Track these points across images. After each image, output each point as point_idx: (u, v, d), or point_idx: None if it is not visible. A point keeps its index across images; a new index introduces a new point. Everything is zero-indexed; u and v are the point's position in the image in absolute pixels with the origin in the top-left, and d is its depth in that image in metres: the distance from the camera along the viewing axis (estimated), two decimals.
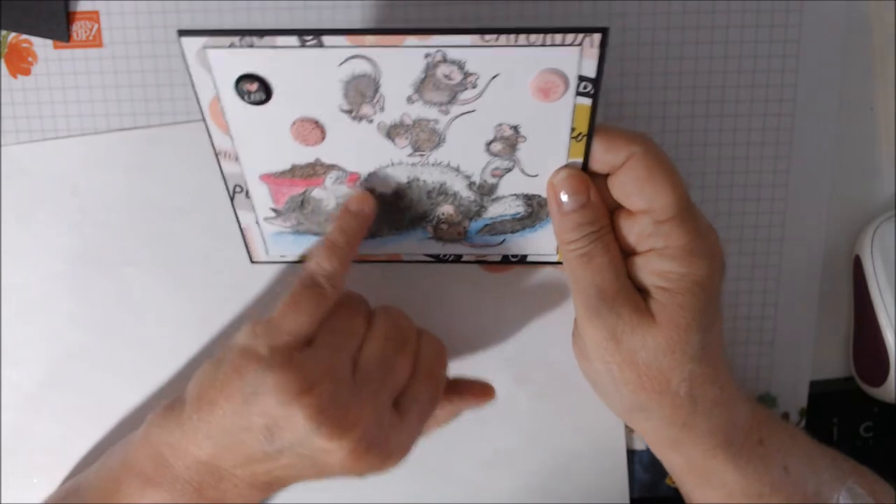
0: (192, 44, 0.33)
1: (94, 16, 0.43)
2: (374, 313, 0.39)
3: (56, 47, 0.43)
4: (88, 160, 0.44)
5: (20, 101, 0.44)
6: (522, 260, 0.40)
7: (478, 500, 0.48)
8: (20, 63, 0.43)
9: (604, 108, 0.43)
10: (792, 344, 0.46)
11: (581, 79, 0.33)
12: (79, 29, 0.43)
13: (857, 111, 0.44)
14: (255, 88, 0.34)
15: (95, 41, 0.43)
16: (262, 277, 0.44)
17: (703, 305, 0.35)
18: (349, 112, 0.35)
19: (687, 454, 0.39)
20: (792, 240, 0.44)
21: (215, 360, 0.37)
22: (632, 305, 0.36)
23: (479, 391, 0.42)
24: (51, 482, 0.46)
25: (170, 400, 0.39)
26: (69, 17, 0.42)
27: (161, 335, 0.45)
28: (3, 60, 0.43)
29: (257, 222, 0.40)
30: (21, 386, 0.46)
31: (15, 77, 0.43)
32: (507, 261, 0.40)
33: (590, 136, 0.35)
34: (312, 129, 0.36)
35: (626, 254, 0.37)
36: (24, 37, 0.43)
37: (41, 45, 0.43)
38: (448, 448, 0.47)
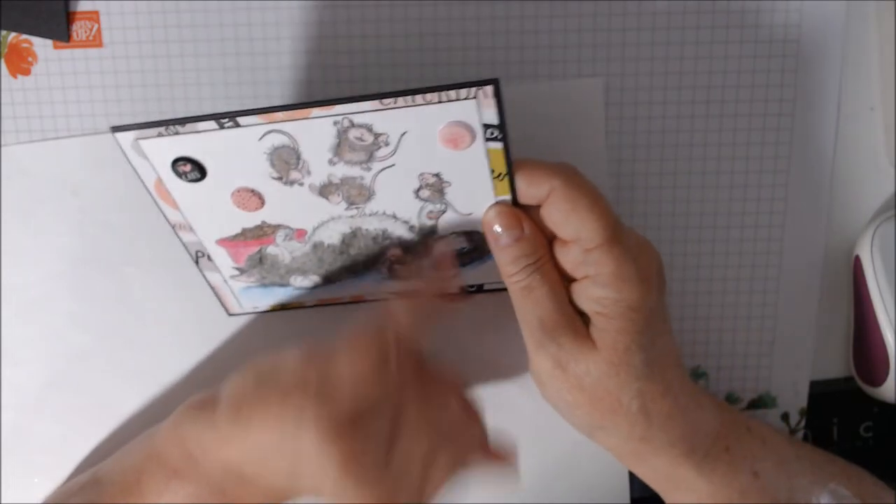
0: (125, 138, 0.36)
1: (94, 16, 0.43)
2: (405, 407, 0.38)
3: (56, 47, 0.43)
4: (89, 160, 0.44)
5: (20, 101, 0.44)
6: (479, 289, 0.42)
7: (479, 500, 0.48)
8: (20, 63, 0.43)
9: (604, 108, 0.43)
10: (792, 344, 0.46)
11: (486, 126, 0.35)
12: (79, 29, 0.43)
13: (857, 111, 0.44)
14: (190, 169, 0.37)
15: (95, 41, 0.43)
16: None
17: (640, 327, 0.36)
18: (279, 178, 0.37)
19: (651, 465, 0.39)
20: (792, 240, 0.44)
21: (258, 369, 0.37)
22: (571, 334, 0.37)
23: (502, 456, 0.42)
24: (51, 482, 0.46)
25: (202, 396, 0.39)
26: (69, 17, 0.42)
27: (161, 335, 0.45)
28: (3, 60, 0.43)
29: (225, 281, 0.42)
30: (21, 386, 0.46)
31: (15, 77, 0.43)
32: (465, 291, 0.42)
33: (510, 174, 0.36)
34: (251, 197, 0.38)
35: (568, 280, 0.37)
36: (24, 37, 0.43)
37: (41, 45, 0.43)
38: None
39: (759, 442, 0.40)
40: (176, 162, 0.37)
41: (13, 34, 0.43)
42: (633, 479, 0.47)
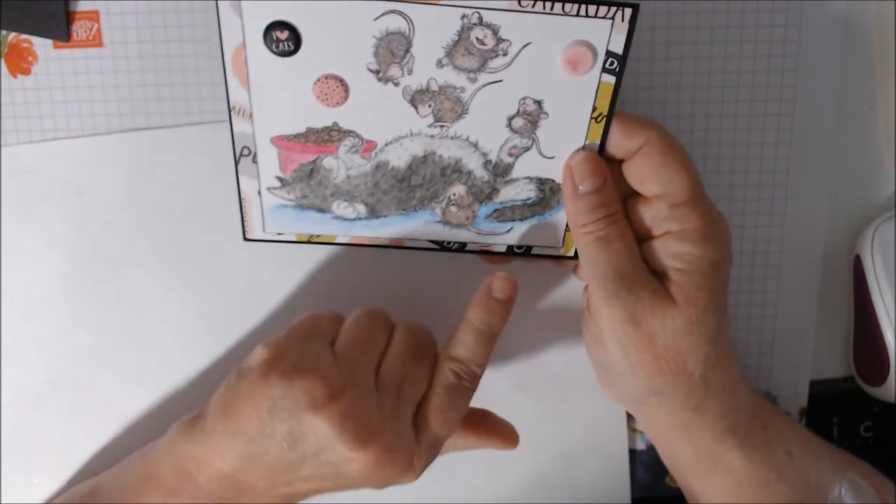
0: None
1: (94, 16, 0.43)
2: (395, 326, 0.39)
3: (56, 47, 0.43)
4: (93, 161, 0.44)
5: (20, 101, 0.44)
6: (527, 252, 0.40)
7: (479, 500, 0.48)
8: (20, 63, 0.43)
9: None
10: (792, 344, 0.46)
11: (609, 54, 0.34)
12: (79, 29, 0.43)
13: (857, 111, 0.44)
14: (286, 37, 0.34)
15: (95, 41, 0.43)
16: (265, 279, 0.44)
17: (719, 287, 0.36)
18: (376, 72, 0.35)
19: (696, 440, 0.39)
20: (792, 240, 0.44)
21: (236, 374, 0.37)
22: (651, 288, 0.36)
23: (505, 436, 0.42)
24: (52, 482, 0.46)
25: (192, 414, 0.40)
26: (69, 17, 0.42)
27: (163, 335, 0.45)
28: (3, 60, 0.43)
29: (259, 192, 0.39)
30: (22, 386, 0.46)
31: (15, 77, 0.43)
32: (511, 252, 0.40)
33: (609, 117, 0.35)
34: (336, 88, 0.35)
35: (640, 239, 0.37)
36: (24, 37, 0.43)
37: (41, 45, 0.43)
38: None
39: (787, 423, 0.40)
40: (272, 27, 0.34)
41: (13, 34, 0.43)
42: (634, 480, 0.47)
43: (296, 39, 0.34)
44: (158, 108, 0.43)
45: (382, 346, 0.38)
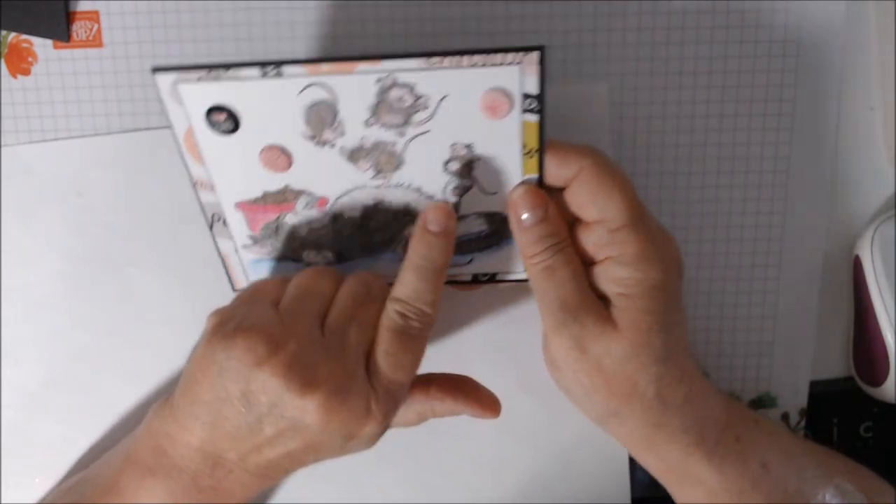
0: (165, 80, 0.35)
1: (94, 16, 0.43)
2: (345, 278, 0.39)
3: (56, 47, 0.43)
4: (93, 161, 0.44)
5: (20, 101, 0.44)
6: (492, 279, 0.41)
7: (479, 500, 0.48)
8: (20, 63, 0.43)
9: (608, 112, 0.43)
10: (792, 344, 0.46)
11: (525, 96, 0.35)
12: (79, 29, 0.43)
13: (857, 111, 0.44)
14: (224, 118, 0.36)
15: (95, 41, 0.43)
16: None
17: (663, 308, 0.36)
18: (312, 138, 0.37)
19: (662, 454, 0.39)
20: (792, 240, 0.44)
21: (194, 347, 0.38)
22: (594, 314, 0.37)
23: (485, 402, 0.41)
24: (51, 482, 0.46)
25: (168, 393, 0.40)
26: (69, 17, 0.42)
27: (163, 336, 0.45)
28: (3, 60, 0.43)
29: (236, 250, 0.41)
30: (22, 386, 0.46)
31: (15, 77, 0.43)
32: (477, 280, 0.41)
33: (541, 151, 0.36)
34: (279, 156, 0.37)
35: (586, 264, 0.37)
36: (24, 37, 0.43)
37: (41, 45, 0.43)
38: (449, 449, 0.47)
39: (766, 434, 0.40)
40: (211, 111, 0.36)
41: (13, 34, 0.43)
42: (634, 480, 0.47)
43: (234, 119, 0.36)
44: (158, 108, 0.43)
45: (329, 296, 0.38)
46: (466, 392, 0.41)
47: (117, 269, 0.45)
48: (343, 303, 0.38)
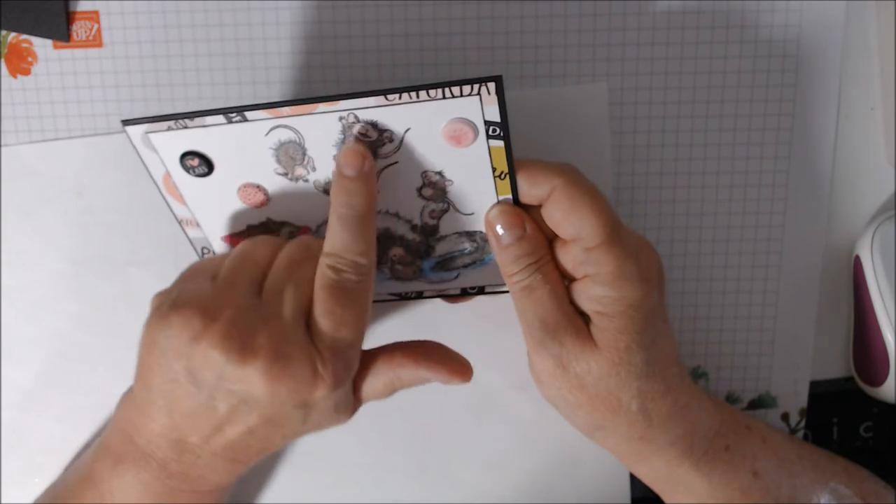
0: (135, 131, 0.37)
1: (94, 16, 0.43)
2: (285, 244, 0.38)
3: (56, 47, 0.43)
4: (94, 161, 0.44)
5: (20, 101, 0.44)
6: (481, 291, 0.41)
7: (479, 500, 0.48)
8: (20, 63, 0.43)
9: (608, 112, 0.43)
10: (792, 344, 0.46)
11: (488, 123, 0.35)
12: (79, 29, 0.43)
13: (857, 111, 0.44)
14: (197, 163, 0.37)
15: (95, 41, 0.43)
16: None
17: (640, 326, 0.36)
18: (285, 175, 0.37)
19: (651, 465, 0.40)
20: (792, 240, 0.44)
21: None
22: (573, 333, 0.36)
23: (453, 366, 0.38)
24: (51, 482, 0.46)
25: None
26: (69, 17, 0.42)
27: None
28: (3, 60, 0.43)
29: None
30: (22, 385, 0.46)
31: (15, 77, 0.43)
32: (466, 293, 0.41)
33: (511, 174, 0.36)
34: (256, 193, 0.38)
35: (568, 280, 0.37)
36: (24, 37, 0.43)
37: (41, 45, 0.43)
38: (449, 449, 0.47)
39: (759, 441, 0.40)
40: (184, 156, 0.37)
41: (13, 34, 0.43)
42: (634, 480, 0.47)
43: (208, 163, 0.37)
44: (158, 108, 0.43)
45: (267, 262, 0.37)
46: (433, 357, 0.39)
47: (117, 269, 0.45)
48: (279, 265, 0.36)
